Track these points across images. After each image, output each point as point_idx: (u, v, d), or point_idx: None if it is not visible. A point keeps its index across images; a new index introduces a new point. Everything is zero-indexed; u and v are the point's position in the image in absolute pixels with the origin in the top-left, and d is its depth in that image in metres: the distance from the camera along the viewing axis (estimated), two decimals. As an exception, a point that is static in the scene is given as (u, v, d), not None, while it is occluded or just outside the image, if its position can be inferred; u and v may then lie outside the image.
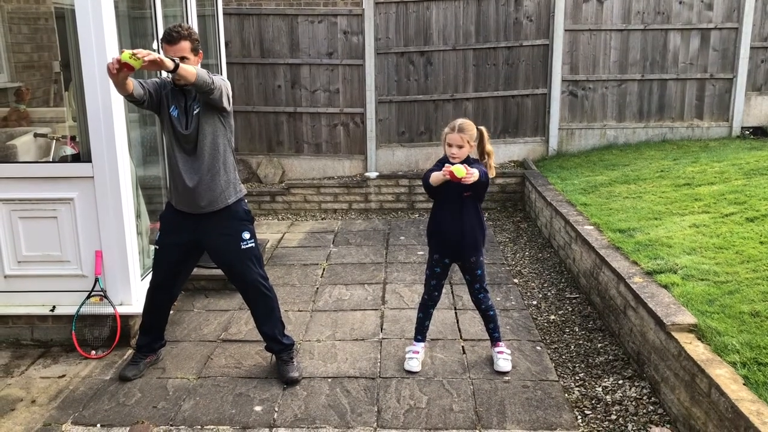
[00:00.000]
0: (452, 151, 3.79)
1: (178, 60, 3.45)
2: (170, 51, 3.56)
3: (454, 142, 3.78)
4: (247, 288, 3.88)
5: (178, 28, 3.60)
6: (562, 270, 5.73)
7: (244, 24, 8.03)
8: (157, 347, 4.13)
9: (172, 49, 3.56)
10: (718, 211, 5.13)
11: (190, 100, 3.68)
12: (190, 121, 3.66)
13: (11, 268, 4.40)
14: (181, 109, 3.68)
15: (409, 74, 8.20)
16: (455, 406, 3.63)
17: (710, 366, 3.07)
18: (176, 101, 3.69)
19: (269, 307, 3.94)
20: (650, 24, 8.16)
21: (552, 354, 4.23)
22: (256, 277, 3.85)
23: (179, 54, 3.56)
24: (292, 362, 3.97)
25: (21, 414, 3.62)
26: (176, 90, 3.69)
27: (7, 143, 5.04)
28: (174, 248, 3.84)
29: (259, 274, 3.87)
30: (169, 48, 3.57)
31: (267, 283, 3.91)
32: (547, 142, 8.45)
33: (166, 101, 3.70)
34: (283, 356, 3.99)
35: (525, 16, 8.10)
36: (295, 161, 8.40)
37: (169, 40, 3.57)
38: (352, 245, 6.67)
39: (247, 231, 3.84)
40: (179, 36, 3.57)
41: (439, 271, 4.03)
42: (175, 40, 3.56)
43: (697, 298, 3.71)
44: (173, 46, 3.56)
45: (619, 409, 3.56)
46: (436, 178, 3.76)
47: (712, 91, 8.38)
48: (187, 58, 3.58)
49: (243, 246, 3.80)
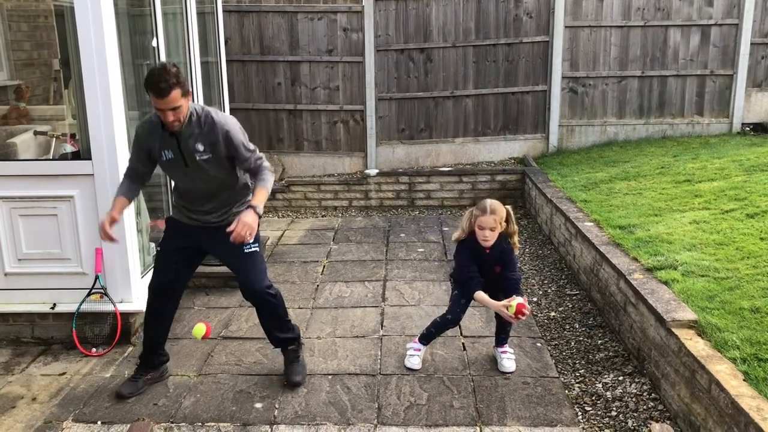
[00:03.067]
0: (485, 234, 3.68)
1: (259, 208, 3.34)
2: (160, 104, 3.19)
3: (487, 225, 3.66)
4: (253, 296, 3.69)
5: (165, 76, 3.16)
6: (563, 267, 5.73)
7: (244, 21, 8.02)
8: (158, 363, 3.91)
9: (163, 102, 3.18)
10: (718, 207, 5.13)
11: (185, 141, 3.42)
12: (191, 161, 3.46)
13: (12, 266, 4.40)
14: (175, 150, 3.44)
15: (409, 71, 8.19)
16: (455, 402, 3.64)
17: (710, 362, 3.07)
18: (167, 145, 3.44)
19: (275, 312, 3.78)
20: (650, 20, 8.15)
21: (552, 351, 4.23)
22: (261, 285, 3.64)
23: (170, 106, 3.20)
24: (297, 362, 3.87)
25: (22, 411, 3.62)
26: (164, 134, 3.41)
27: (7, 141, 5.05)
28: (176, 251, 3.70)
29: (263, 281, 3.66)
30: (159, 101, 3.18)
31: (272, 290, 3.71)
32: (547, 139, 8.44)
33: (156, 152, 3.48)
34: (288, 353, 3.88)
35: (525, 12, 8.09)
36: (296, 158, 8.40)
37: (158, 92, 3.16)
38: (353, 242, 6.67)
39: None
40: (168, 87, 3.16)
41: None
42: (165, 92, 3.17)
43: (698, 295, 3.71)
44: (164, 99, 3.18)
45: (620, 405, 3.57)
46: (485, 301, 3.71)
47: (712, 87, 8.38)
48: (179, 106, 3.25)
49: (246, 249, 3.61)
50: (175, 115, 3.28)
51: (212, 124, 3.44)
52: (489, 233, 3.69)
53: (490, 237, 3.70)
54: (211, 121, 3.44)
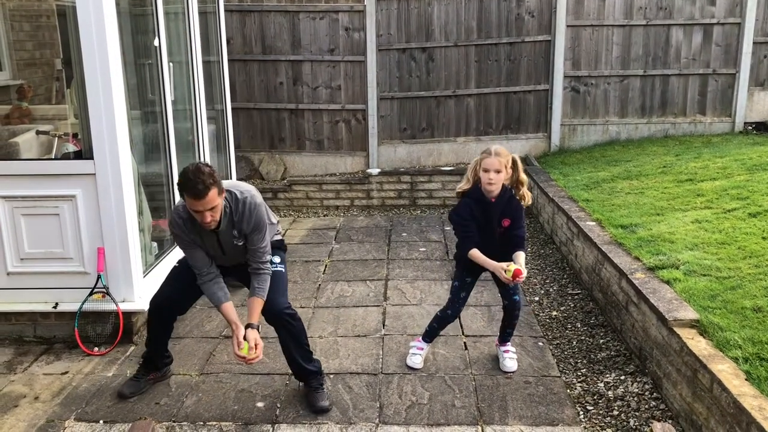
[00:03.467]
0: (490, 176, 3.55)
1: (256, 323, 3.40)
2: (197, 206, 3.13)
3: (492, 167, 3.55)
4: (272, 317, 3.57)
5: (201, 177, 3.09)
6: (564, 266, 5.73)
7: (246, 21, 8.02)
8: (161, 365, 3.89)
9: (200, 204, 3.12)
10: (720, 206, 5.12)
11: (222, 235, 3.44)
12: (228, 248, 3.50)
13: (14, 265, 4.41)
14: (213, 243, 3.48)
15: (411, 70, 8.19)
16: (457, 401, 3.64)
17: (712, 361, 3.07)
18: (205, 237, 3.45)
19: (293, 336, 3.60)
20: (652, 19, 8.13)
21: (554, 350, 4.23)
22: (281, 307, 3.54)
23: (208, 206, 3.15)
24: (321, 389, 3.67)
25: (24, 410, 3.63)
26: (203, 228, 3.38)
27: (9, 141, 5.05)
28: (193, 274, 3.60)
29: (284, 303, 3.58)
30: (197, 203, 3.12)
31: (291, 311, 3.58)
32: (549, 138, 8.44)
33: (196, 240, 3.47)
34: (312, 383, 3.67)
35: (527, 11, 8.08)
36: (297, 158, 8.40)
37: (196, 194, 3.09)
38: (354, 242, 6.67)
39: (277, 256, 3.68)
40: (206, 188, 3.09)
41: (470, 280, 3.90)
42: (202, 194, 3.10)
43: (699, 294, 3.70)
44: (201, 201, 3.11)
45: (621, 404, 3.56)
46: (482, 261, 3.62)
47: (714, 86, 8.36)
48: (216, 206, 3.19)
49: (271, 268, 3.58)
50: (212, 216, 3.23)
51: (244, 210, 3.41)
52: (494, 176, 3.55)
53: (495, 180, 3.55)
54: (243, 208, 3.41)
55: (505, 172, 3.60)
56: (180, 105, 5.45)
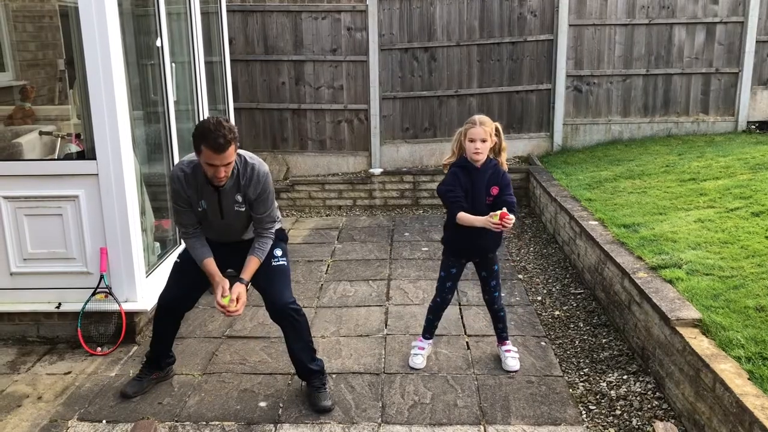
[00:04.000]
0: (476, 146, 3.60)
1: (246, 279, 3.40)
2: (216, 159, 3.13)
3: (478, 137, 3.59)
4: (276, 312, 3.56)
5: (223, 131, 3.09)
6: (567, 265, 5.72)
7: (248, 21, 8.03)
8: (165, 365, 3.89)
9: (220, 158, 3.12)
10: (723, 205, 5.11)
11: (224, 195, 3.41)
12: (227, 212, 3.47)
13: (17, 266, 4.42)
14: (213, 203, 3.44)
15: (413, 70, 8.19)
16: (459, 401, 3.64)
17: (715, 361, 3.07)
18: (206, 196, 3.42)
19: (297, 332, 3.60)
20: (655, 18, 8.12)
21: (556, 349, 4.23)
22: (287, 300, 3.54)
23: (226, 161, 3.16)
24: (324, 389, 3.65)
25: (27, 410, 3.64)
26: (203, 185, 3.38)
27: (12, 141, 5.06)
28: (194, 265, 3.59)
29: (289, 297, 3.57)
30: (216, 157, 3.12)
31: (295, 305, 3.57)
32: (552, 138, 8.43)
33: (195, 200, 3.44)
34: (314, 382, 3.66)
35: (529, 11, 8.08)
36: (300, 158, 8.40)
37: (217, 148, 3.09)
38: (357, 242, 6.67)
39: (279, 248, 3.66)
40: (227, 142, 3.10)
41: (455, 272, 3.95)
42: (223, 148, 3.10)
43: (702, 293, 3.70)
44: (221, 155, 3.12)
45: (624, 404, 3.56)
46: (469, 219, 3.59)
47: (717, 85, 8.35)
48: (231, 162, 3.21)
49: (273, 263, 3.58)
50: (226, 171, 3.24)
51: (253, 175, 3.41)
52: (480, 145, 3.59)
53: (482, 149, 3.60)
54: (252, 173, 3.41)
55: (490, 141, 3.65)
56: (182, 105, 5.45)
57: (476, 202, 3.72)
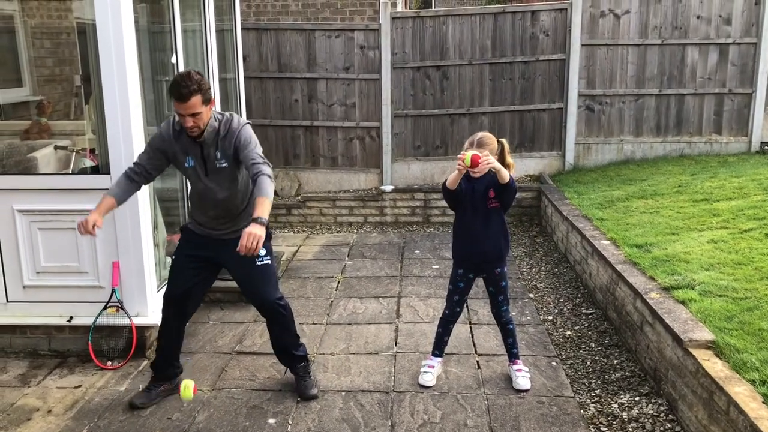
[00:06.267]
0: (474, 172, 3.67)
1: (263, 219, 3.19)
2: (181, 109, 3.29)
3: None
4: (262, 308, 3.78)
5: (186, 82, 3.26)
6: (578, 285, 5.69)
7: (262, 39, 8.11)
8: (172, 375, 3.93)
9: (183, 107, 3.28)
10: (736, 226, 5.08)
11: (207, 148, 3.51)
12: (211, 170, 3.54)
13: (30, 279, 4.45)
14: (198, 158, 3.54)
15: (425, 88, 8.22)
16: (469, 421, 3.61)
17: (729, 383, 3.03)
18: (191, 151, 3.53)
19: (284, 325, 3.84)
20: (668, 39, 8.13)
21: (568, 370, 4.19)
22: (272, 297, 3.72)
23: (191, 111, 3.30)
24: (309, 377, 3.89)
25: (37, 424, 3.64)
26: (189, 140, 3.50)
27: (28, 155, 5.12)
28: (190, 259, 3.74)
29: (274, 293, 3.74)
30: (180, 106, 3.28)
31: (282, 301, 3.78)
32: (564, 157, 8.42)
33: (179, 156, 3.55)
34: (298, 371, 3.90)
35: (541, 30, 8.11)
36: (312, 174, 8.44)
37: (179, 97, 3.26)
38: (367, 258, 6.67)
39: (263, 248, 3.65)
40: (189, 92, 3.26)
41: (462, 286, 3.99)
42: (185, 97, 3.26)
43: (716, 315, 3.66)
44: (184, 104, 3.28)
45: (636, 426, 3.52)
46: (451, 178, 3.68)
47: (730, 106, 8.32)
48: (199, 113, 3.34)
49: (258, 262, 3.66)
50: (194, 122, 3.37)
51: (230, 127, 3.51)
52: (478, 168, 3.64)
53: (479, 169, 3.64)
54: (229, 125, 3.52)
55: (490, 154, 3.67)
56: (196, 121, 5.49)
57: (478, 206, 3.83)
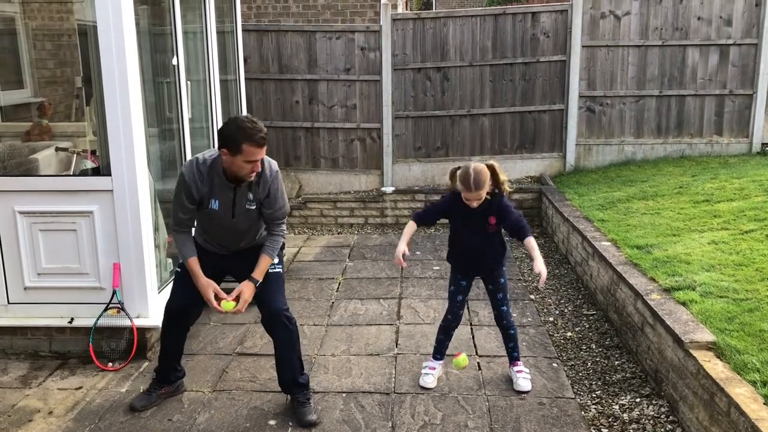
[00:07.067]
0: (472, 204, 3.69)
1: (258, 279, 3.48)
2: (258, 155, 3.29)
3: (474, 199, 3.66)
4: (270, 316, 3.60)
5: (261, 126, 3.31)
6: (579, 286, 5.69)
7: (263, 40, 8.12)
8: (174, 378, 3.90)
9: (260, 152, 3.29)
10: (737, 227, 5.07)
11: (239, 196, 3.47)
12: (239, 212, 3.51)
13: (31, 280, 4.45)
14: (227, 201, 3.48)
15: (426, 90, 8.23)
16: (470, 422, 3.61)
17: (730, 385, 3.03)
18: (220, 194, 3.47)
19: (290, 342, 3.64)
20: (668, 40, 8.13)
21: (568, 371, 4.19)
22: (281, 306, 3.60)
23: (262, 156, 3.35)
24: (308, 404, 3.69)
25: (38, 425, 3.65)
26: (220, 183, 3.44)
27: (29, 157, 5.12)
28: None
29: (283, 304, 3.64)
30: (259, 152, 3.28)
31: (288, 313, 3.62)
32: (565, 158, 8.42)
33: (206, 198, 3.48)
34: (299, 397, 3.71)
35: (542, 32, 8.11)
36: (312, 176, 8.44)
37: (261, 143, 3.27)
38: (368, 260, 6.67)
39: (275, 257, 3.67)
40: (265, 138, 3.30)
41: (465, 284, 3.99)
42: (264, 143, 3.29)
43: (716, 316, 3.66)
44: (262, 149, 3.30)
45: (637, 427, 3.52)
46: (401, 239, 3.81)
47: (731, 107, 8.32)
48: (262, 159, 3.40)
49: (270, 269, 3.61)
50: (254, 168, 3.36)
51: (263, 173, 3.47)
52: (476, 203, 3.69)
53: (477, 205, 3.69)
54: (267, 173, 3.49)
55: (484, 193, 3.68)
56: (197, 123, 5.51)
57: (477, 230, 3.82)
